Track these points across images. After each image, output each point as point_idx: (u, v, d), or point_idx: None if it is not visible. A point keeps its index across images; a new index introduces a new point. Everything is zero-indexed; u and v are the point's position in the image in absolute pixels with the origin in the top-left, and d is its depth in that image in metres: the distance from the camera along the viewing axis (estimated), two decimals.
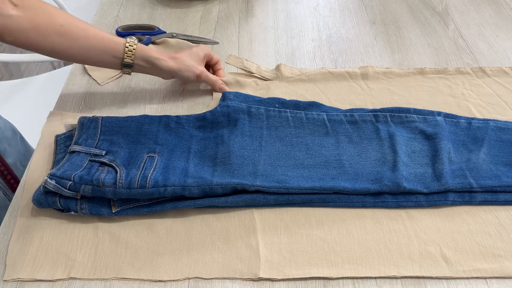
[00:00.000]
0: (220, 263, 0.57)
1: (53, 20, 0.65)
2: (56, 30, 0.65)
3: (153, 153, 0.65)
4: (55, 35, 0.65)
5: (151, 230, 0.60)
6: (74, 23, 0.67)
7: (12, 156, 0.77)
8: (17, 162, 0.78)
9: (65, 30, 0.66)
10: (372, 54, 0.90)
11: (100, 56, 0.71)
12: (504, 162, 0.67)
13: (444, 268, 0.56)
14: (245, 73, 0.84)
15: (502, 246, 0.58)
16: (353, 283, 0.55)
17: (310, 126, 0.71)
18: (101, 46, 0.69)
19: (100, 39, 0.69)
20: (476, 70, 0.84)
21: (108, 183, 0.59)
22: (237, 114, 0.71)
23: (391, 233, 0.59)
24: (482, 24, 0.98)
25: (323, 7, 1.04)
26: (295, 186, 0.62)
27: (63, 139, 0.70)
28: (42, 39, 0.65)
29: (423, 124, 0.71)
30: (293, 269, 0.56)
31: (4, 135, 0.79)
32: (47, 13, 0.65)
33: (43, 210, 0.62)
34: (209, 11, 1.02)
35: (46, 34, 0.65)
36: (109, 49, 0.70)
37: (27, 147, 0.84)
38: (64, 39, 0.66)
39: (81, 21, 0.69)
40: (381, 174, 0.64)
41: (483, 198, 0.63)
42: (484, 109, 0.76)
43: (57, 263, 0.57)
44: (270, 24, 0.99)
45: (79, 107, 0.79)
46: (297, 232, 0.60)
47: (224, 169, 0.63)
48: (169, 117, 0.71)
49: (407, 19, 0.99)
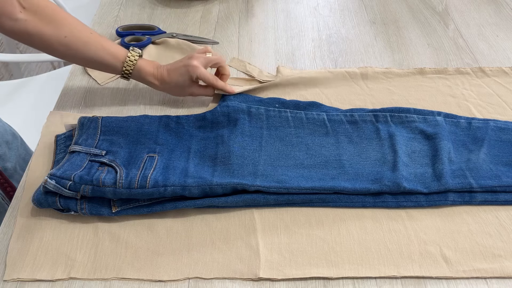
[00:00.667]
0: (220, 263, 0.57)
1: (58, 31, 0.68)
2: (59, 41, 0.69)
3: (153, 153, 0.65)
4: (58, 45, 0.69)
5: (151, 230, 0.60)
6: (77, 35, 0.70)
7: (12, 160, 0.77)
8: (16, 166, 0.78)
9: (68, 42, 0.69)
10: (372, 54, 0.90)
11: (99, 67, 0.75)
12: (504, 162, 0.67)
13: (444, 268, 0.56)
14: (246, 79, 0.83)
15: (502, 246, 0.58)
16: (353, 283, 0.55)
17: (310, 126, 0.71)
18: (100, 60, 0.72)
19: (100, 54, 0.72)
20: (476, 70, 0.84)
21: (108, 183, 0.59)
22: (237, 114, 0.71)
23: (391, 233, 0.59)
24: (482, 24, 0.98)
25: (323, 7, 1.04)
26: (295, 186, 0.62)
27: (63, 139, 0.70)
28: (45, 45, 0.69)
29: (423, 124, 0.71)
30: (293, 269, 0.56)
31: (4, 139, 0.79)
32: (54, 21, 0.68)
33: (43, 210, 0.62)
34: (209, 11, 1.02)
35: (49, 42, 0.69)
36: (107, 64, 0.73)
37: (27, 151, 0.84)
38: (66, 49, 0.70)
39: (86, 31, 0.71)
40: (381, 174, 0.64)
41: (483, 198, 0.63)
42: (484, 109, 0.76)
43: (57, 263, 0.57)
44: (270, 24, 0.99)
45: (79, 107, 0.79)
46: (297, 232, 0.60)
47: (224, 169, 0.63)
48: (169, 117, 0.71)
49: (407, 19, 0.99)
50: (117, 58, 0.73)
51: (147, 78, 0.74)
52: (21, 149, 0.82)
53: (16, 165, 0.78)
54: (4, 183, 0.73)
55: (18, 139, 0.82)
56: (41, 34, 0.67)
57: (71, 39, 0.69)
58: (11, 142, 0.79)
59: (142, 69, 0.74)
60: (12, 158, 0.78)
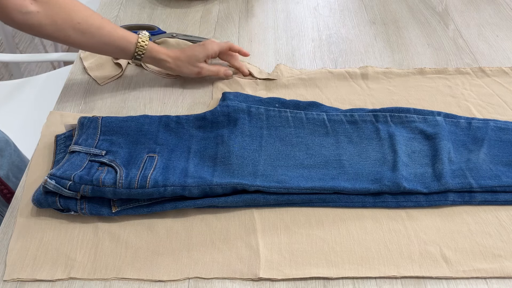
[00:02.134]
0: (220, 263, 0.57)
1: (71, 18, 0.69)
2: (73, 27, 0.70)
3: (153, 153, 0.65)
4: (71, 31, 0.70)
5: (151, 230, 0.60)
6: (90, 21, 0.71)
7: (4, 168, 0.77)
8: (9, 173, 0.77)
9: (82, 27, 0.70)
10: (372, 54, 0.90)
11: (113, 52, 0.77)
12: (504, 162, 0.67)
13: (444, 268, 0.56)
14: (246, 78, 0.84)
15: (502, 246, 0.58)
16: (353, 283, 0.55)
17: (310, 126, 0.71)
18: (114, 44, 0.74)
19: (114, 38, 0.73)
20: (476, 70, 0.84)
21: (108, 183, 0.59)
22: (237, 114, 0.71)
23: (391, 233, 0.59)
24: (482, 24, 0.98)
25: (323, 7, 1.04)
26: (295, 186, 0.62)
27: (63, 139, 0.70)
28: (59, 33, 0.70)
29: (423, 124, 0.71)
30: (293, 269, 0.56)
31: None
32: (66, 10, 0.69)
33: (43, 210, 0.62)
34: (209, 11, 1.02)
35: (63, 29, 0.69)
36: (121, 47, 0.75)
37: (21, 158, 0.83)
38: (80, 35, 0.71)
39: (98, 17, 0.73)
40: (381, 174, 0.64)
41: (483, 198, 0.63)
42: (484, 109, 0.76)
43: (57, 263, 0.57)
44: (270, 24, 0.99)
45: (79, 107, 0.79)
46: (297, 232, 0.60)
47: (224, 169, 0.63)
48: (169, 117, 0.71)
49: (407, 19, 0.99)
50: (129, 41, 0.75)
51: (159, 56, 0.77)
52: (14, 156, 0.81)
53: (9, 173, 0.77)
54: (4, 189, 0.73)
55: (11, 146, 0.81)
56: (55, 24, 0.68)
57: (84, 26, 0.70)
58: (3, 149, 0.79)
59: (153, 48, 0.77)
60: (4, 165, 0.77)
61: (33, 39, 1.81)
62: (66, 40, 0.71)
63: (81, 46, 0.74)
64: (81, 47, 0.75)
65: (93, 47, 0.74)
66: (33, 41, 1.81)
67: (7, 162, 0.77)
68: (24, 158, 0.85)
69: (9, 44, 1.54)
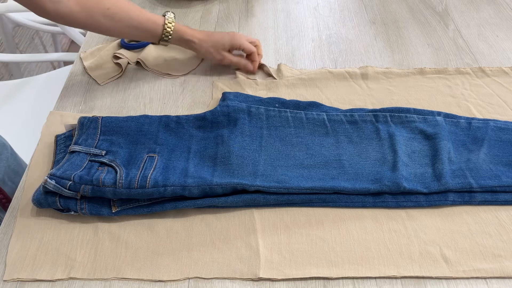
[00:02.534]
0: (220, 263, 0.57)
1: (101, 4, 0.71)
2: (103, 12, 0.72)
3: (153, 153, 0.65)
4: (101, 17, 0.72)
5: (151, 230, 0.60)
6: (119, 5, 0.73)
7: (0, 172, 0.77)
8: (5, 177, 0.77)
9: (111, 12, 0.72)
10: (372, 54, 0.90)
11: (141, 35, 0.78)
12: (504, 162, 0.67)
13: (444, 268, 0.56)
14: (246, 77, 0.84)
15: (502, 246, 0.58)
16: (353, 283, 0.55)
17: (310, 126, 0.71)
18: (143, 27, 0.76)
19: (142, 20, 0.75)
20: (476, 70, 0.84)
21: (108, 183, 0.59)
22: (237, 114, 0.71)
23: (391, 233, 0.59)
24: (482, 24, 0.98)
25: (323, 7, 1.04)
26: (295, 186, 0.62)
27: (63, 139, 0.70)
28: (90, 20, 0.72)
29: (423, 124, 0.71)
30: (293, 269, 0.56)
31: None
32: None
33: (43, 210, 0.62)
34: (209, 11, 1.02)
35: (93, 15, 0.71)
36: (149, 30, 0.77)
37: (18, 161, 0.83)
38: (109, 21, 0.73)
39: (125, 1, 0.75)
40: (381, 174, 0.64)
41: (483, 198, 0.63)
42: (484, 109, 0.76)
43: (57, 263, 0.57)
44: (270, 24, 0.99)
45: (79, 107, 0.79)
46: (297, 232, 0.60)
47: (224, 169, 0.63)
48: (169, 117, 0.71)
49: (407, 19, 0.99)
50: (156, 23, 0.76)
51: (185, 37, 0.79)
52: (11, 160, 0.80)
53: (5, 176, 0.77)
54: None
55: (8, 149, 0.81)
56: (85, 9, 0.70)
57: (114, 10, 0.72)
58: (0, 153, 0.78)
59: (180, 29, 0.78)
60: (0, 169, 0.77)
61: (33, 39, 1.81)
62: (98, 27, 0.73)
63: (111, 32, 0.76)
64: (111, 33, 0.77)
65: (123, 32, 0.76)
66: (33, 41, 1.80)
67: (3, 166, 0.77)
68: (21, 162, 0.84)
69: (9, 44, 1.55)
